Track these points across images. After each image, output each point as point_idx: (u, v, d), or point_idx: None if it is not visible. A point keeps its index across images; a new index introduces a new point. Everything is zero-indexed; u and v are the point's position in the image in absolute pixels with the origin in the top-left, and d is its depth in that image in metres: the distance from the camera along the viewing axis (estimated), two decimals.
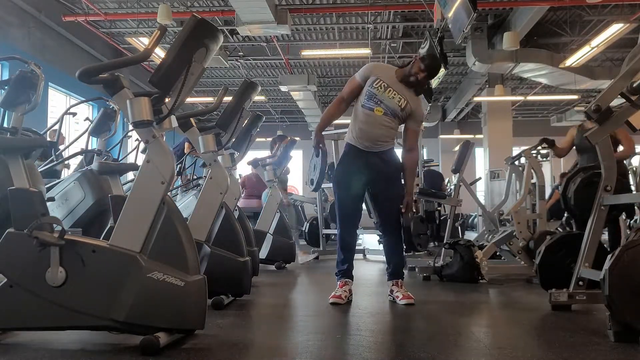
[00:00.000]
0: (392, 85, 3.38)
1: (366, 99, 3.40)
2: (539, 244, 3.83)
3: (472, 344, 2.45)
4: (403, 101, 3.38)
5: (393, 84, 3.39)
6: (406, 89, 3.40)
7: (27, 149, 2.39)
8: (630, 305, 2.31)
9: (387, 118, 3.37)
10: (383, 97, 3.37)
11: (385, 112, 3.37)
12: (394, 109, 3.37)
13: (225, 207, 3.31)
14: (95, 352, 2.20)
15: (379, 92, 3.37)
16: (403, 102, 3.38)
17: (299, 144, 6.99)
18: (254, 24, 9.09)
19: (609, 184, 2.83)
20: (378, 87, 3.38)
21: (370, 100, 3.39)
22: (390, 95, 3.37)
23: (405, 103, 3.38)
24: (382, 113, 3.37)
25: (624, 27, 9.60)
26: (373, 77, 3.42)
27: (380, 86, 3.38)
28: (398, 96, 3.37)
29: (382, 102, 3.37)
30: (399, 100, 3.37)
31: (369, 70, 3.47)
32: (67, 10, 10.33)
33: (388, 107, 3.36)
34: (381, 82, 3.39)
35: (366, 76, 3.46)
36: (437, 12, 8.19)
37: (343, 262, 3.51)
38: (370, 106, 3.38)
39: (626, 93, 2.62)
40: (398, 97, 3.37)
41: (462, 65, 13.70)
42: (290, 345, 2.40)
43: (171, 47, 2.13)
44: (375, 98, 3.37)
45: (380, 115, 3.37)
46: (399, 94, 3.38)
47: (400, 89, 3.39)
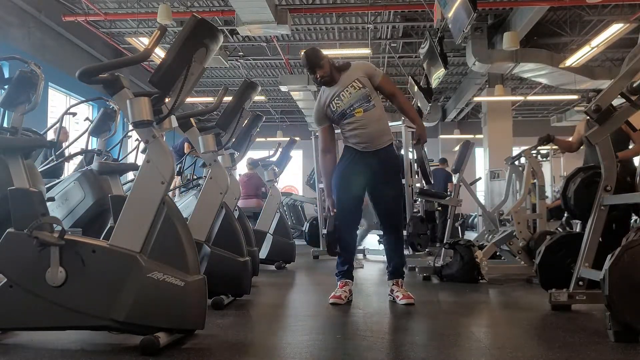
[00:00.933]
0: (338, 91, 3.41)
1: (342, 118, 3.43)
2: (539, 244, 3.83)
3: (472, 344, 2.45)
4: (356, 84, 3.39)
5: (338, 89, 3.42)
6: (345, 76, 3.43)
7: (27, 149, 2.39)
8: (630, 305, 2.31)
9: (369, 109, 3.39)
10: (347, 102, 3.39)
11: (361, 106, 3.38)
12: (362, 97, 3.39)
13: (225, 207, 3.31)
14: (95, 352, 2.20)
15: (343, 104, 3.40)
16: (357, 84, 3.40)
17: (298, 144, 6.99)
18: (254, 24, 9.09)
19: (609, 184, 2.83)
20: (338, 104, 3.42)
21: (345, 116, 3.42)
22: (347, 95, 3.39)
23: (358, 83, 3.40)
24: (362, 111, 3.39)
25: (624, 27, 9.60)
26: (326, 106, 3.46)
27: (338, 102, 3.42)
28: (349, 88, 3.39)
29: (352, 106, 3.39)
30: (355, 89, 3.39)
31: (320, 110, 3.51)
32: (67, 10, 10.33)
33: (358, 101, 3.38)
34: (333, 100, 3.42)
35: (322, 114, 3.50)
36: (437, 12, 8.19)
37: (343, 262, 3.51)
38: (349, 117, 3.40)
39: (626, 93, 2.62)
40: (351, 89, 3.39)
41: (462, 65, 13.69)
42: (290, 345, 2.40)
43: (171, 47, 2.13)
44: (346, 110, 3.40)
45: (362, 113, 3.39)
46: (347, 86, 3.40)
47: (342, 84, 3.42)
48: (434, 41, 8.70)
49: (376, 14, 10.66)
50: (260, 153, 8.21)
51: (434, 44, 8.67)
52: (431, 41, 8.82)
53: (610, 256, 2.40)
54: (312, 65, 3.43)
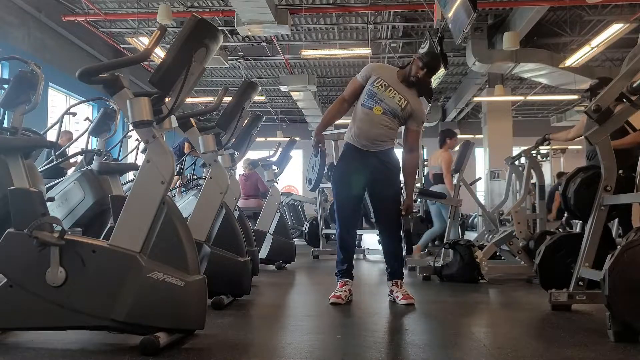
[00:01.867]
0: (392, 85, 3.38)
1: (366, 98, 3.40)
2: (539, 244, 3.83)
3: (472, 344, 2.45)
4: (403, 101, 3.37)
5: (394, 84, 3.39)
6: (407, 90, 3.40)
7: (27, 149, 2.39)
8: (630, 305, 2.31)
9: (386, 117, 3.37)
10: (383, 96, 3.37)
11: (384, 111, 3.36)
12: (393, 109, 3.37)
13: (225, 207, 3.31)
14: (95, 352, 2.20)
15: (379, 91, 3.37)
16: (403, 102, 3.37)
17: (299, 144, 6.99)
18: (254, 24, 9.09)
19: (609, 184, 2.83)
20: (379, 87, 3.38)
21: (370, 98, 3.39)
22: (391, 94, 3.37)
23: (406, 103, 3.38)
24: (381, 112, 3.36)
25: (624, 27, 9.60)
26: (374, 76, 3.42)
27: (381, 85, 3.38)
28: (398, 96, 3.37)
29: (382, 101, 3.36)
30: (399, 100, 3.37)
31: (371, 70, 3.47)
32: (67, 10, 10.33)
33: (388, 106, 3.36)
34: (382, 81, 3.39)
35: (367, 76, 3.46)
36: (437, 12, 8.19)
37: (343, 262, 3.51)
38: (370, 105, 3.38)
39: (626, 93, 2.62)
40: (398, 97, 3.37)
41: (462, 65, 13.70)
42: (291, 345, 2.40)
43: (171, 47, 2.13)
44: (375, 97, 3.37)
45: (379, 114, 3.37)
46: (400, 93, 3.38)
47: (401, 89, 3.39)
48: (434, 41, 8.70)
49: (376, 14, 10.66)
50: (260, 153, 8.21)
51: (434, 44, 8.66)
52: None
53: (610, 256, 2.40)
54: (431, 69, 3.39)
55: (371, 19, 10.91)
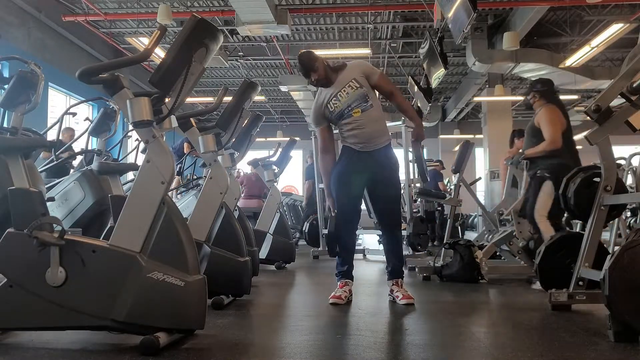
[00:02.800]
0: (335, 90, 3.40)
1: (340, 119, 3.42)
2: (539, 244, 3.83)
3: (472, 344, 2.45)
4: (354, 84, 3.38)
5: (335, 88, 3.41)
6: (341, 77, 3.41)
7: (27, 149, 2.39)
8: (630, 305, 2.31)
9: (366, 105, 3.38)
10: (345, 102, 3.38)
11: (359, 106, 3.37)
12: (360, 97, 3.38)
13: (225, 207, 3.31)
14: (95, 352, 2.20)
15: (340, 105, 3.40)
16: (355, 84, 3.38)
17: (299, 144, 6.99)
18: (254, 24, 9.09)
19: (609, 184, 2.83)
20: (336, 104, 3.41)
21: (342, 116, 3.41)
22: (345, 95, 3.38)
23: (356, 83, 3.38)
24: (359, 112, 3.38)
25: (624, 27, 9.60)
26: (324, 107, 3.46)
27: (335, 102, 3.41)
28: (347, 88, 3.38)
29: (349, 106, 3.38)
30: (352, 89, 3.38)
31: (317, 110, 3.50)
32: (67, 10, 10.33)
33: (355, 101, 3.37)
34: (330, 100, 3.41)
35: (321, 115, 3.50)
36: (437, 12, 8.19)
37: (343, 262, 3.51)
38: (347, 117, 3.40)
39: (626, 93, 2.62)
40: (348, 89, 3.38)
41: (462, 65, 13.70)
42: (290, 345, 2.40)
43: (171, 47, 2.13)
44: (343, 111, 3.39)
45: (360, 113, 3.38)
46: (345, 86, 3.39)
47: (339, 83, 3.40)
48: (434, 41, 8.71)
49: (376, 14, 10.66)
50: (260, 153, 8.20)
51: (434, 44, 8.67)
52: (431, 41, 8.82)
53: (610, 256, 2.40)
54: (306, 69, 3.42)
55: (371, 19, 10.91)
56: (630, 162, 6.08)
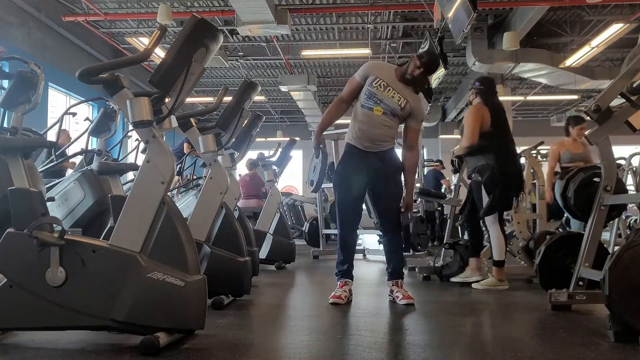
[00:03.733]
0: (391, 84, 3.38)
1: (365, 99, 3.40)
2: (539, 244, 3.83)
3: (472, 344, 2.45)
4: (402, 100, 3.37)
5: (392, 83, 3.39)
6: (406, 88, 3.40)
7: (27, 149, 2.39)
8: (630, 305, 2.31)
9: (387, 117, 3.37)
10: (382, 96, 3.37)
11: (384, 111, 3.37)
12: (393, 108, 3.37)
13: (225, 207, 3.31)
14: (95, 352, 2.20)
15: (379, 92, 3.37)
16: (402, 101, 3.37)
17: (298, 144, 6.99)
18: (254, 24, 9.09)
19: (609, 184, 2.83)
20: (377, 87, 3.38)
21: (370, 99, 3.39)
22: (390, 94, 3.37)
23: (405, 102, 3.38)
24: (381, 112, 3.37)
25: (624, 27, 9.60)
26: (372, 76, 3.42)
27: (379, 85, 3.38)
28: (397, 95, 3.37)
29: (381, 101, 3.36)
30: (399, 100, 3.37)
31: (369, 70, 3.47)
32: (67, 10, 10.33)
33: (387, 106, 3.36)
34: (380, 81, 3.39)
35: (366, 75, 3.46)
36: (437, 12, 8.19)
37: (343, 262, 3.51)
38: (370, 105, 3.38)
39: (626, 93, 2.62)
40: (398, 96, 3.37)
41: (462, 65, 13.69)
42: (290, 345, 2.40)
43: (171, 47, 2.13)
44: (375, 97, 3.37)
45: (380, 114, 3.37)
46: (399, 93, 3.37)
47: (399, 88, 3.39)
48: (434, 41, 8.69)
49: (376, 14, 10.65)
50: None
51: (434, 44, 8.66)
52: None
53: (610, 256, 2.40)
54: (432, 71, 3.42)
55: (371, 19, 10.91)
56: (630, 162, 6.08)
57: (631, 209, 7.18)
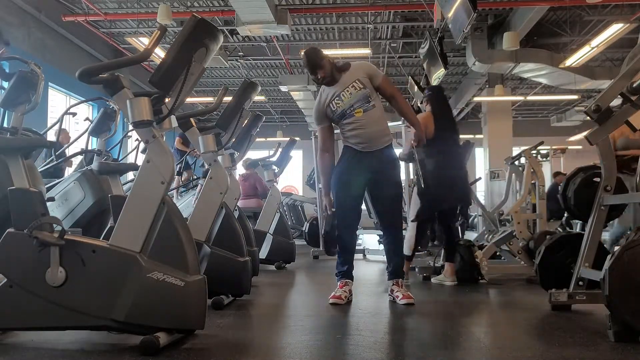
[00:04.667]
0: (339, 90, 3.40)
1: (342, 118, 3.42)
2: (539, 244, 3.83)
3: (472, 344, 2.45)
4: (356, 84, 3.38)
5: (338, 89, 3.40)
6: (344, 77, 3.41)
7: (27, 149, 2.39)
8: (630, 305, 2.31)
9: (368, 106, 3.38)
10: (347, 102, 3.38)
11: (361, 107, 3.37)
12: (363, 97, 3.38)
13: (225, 207, 3.31)
14: (95, 352, 2.20)
15: (343, 104, 3.39)
16: (358, 85, 3.38)
17: (298, 144, 6.99)
18: (254, 24, 9.08)
19: (609, 184, 2.82)
20: (338, 104, 3.40)
21: (344, 116, 3.41)
22: (347, 95, 3.38)
23: (359, 83, 3.38)
24: (361, 112, 3.38)
25: (624, 27, 9.59)
26: (326, 106, 3.45)
27: (338, 102, 3.40)
28: (350, 87, 3.38)
29: (351, 106, 3.38)
30: (354, 88, 3.38)
31: (319, 109, 3.50)
32: (67, 10, 10.32)
33: (358, 101, 3.37)
34: (333, 99, 3.41)
35: (322, 113, 3.49)
36: (437, 12, 8.19)
37: (343, 262, 3.51)
38: (349, 117, 3.39)
39: (626, 93, 2.62)
40: (351, 88, 3.38)
41: (462, 65, 13.68)
42: (290, 345, 2.40)
43: (171, 47, 2.13)
44: (346, 110, 3.39)
45: (362, 113, 3.38)
46: (347, 85, 3.38)
47: (343, 82, 3.40)
48: (434, 41, 8.70)
49: (376, 14, 10.65)
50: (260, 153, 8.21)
51: (434, 44, 8.67)
52: (431, 41, 8.82)
53: (610, 256, 2.40)
54: (313, 66, 3.42)
55: (371, 19, 10.90)
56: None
57: None
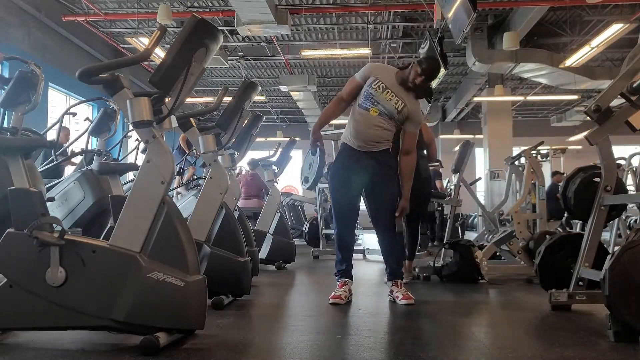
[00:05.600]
0: (390, 87, 3.38)
1: (363, 99, 3.40)
2: (539, 244, 3.83)
3: (472, 344, 2.45)
4: (400, 104, 3.36)
5: (392, 86, 3.38)
6: (405, 92, 3.39)
7: (27, 149, 2.39)
8: (630, 305, 2.31)
9: (382, 119, 3.36)
10: (380, 98, 3.36)
11: (380, 113, 3.36)
12: (390, 111, 3.36)
13: (225, 207, 3.31)
14: (95, 352, 2.20)
15: (377, 93, 3.37)
16: (400, 105, 3.36)
17: (298, 144, 6.99)
18: (254, 24, 9.09)
19: (609, 184, 2.83)
20: (376, 88, 3.38)
21: (367, 100, 3.38)
22: (388, 96, 3.36)
23: (403, 106, 3.37)
24: (377, 114, 3.36)
25: (624, 27, 9.60)
26: (372, 77, 3.42)
27: (378, 87, 3.38)
28: (395, 98, 3.36)
29: (378, 102, 3.36)
30: (396, 103, 3.36)
31: (370, 71, 3.47)
32: (67, 10, 10.33)
33: (384, 108, 3.35)
34: (380, 82, 3.38)
35: (366, 76, 3.45)
36: (437, 12, 8.19)
37: (342, 262, 3.51)
38: (367, 106, 3.38)
39: (626, 93, 2.62)
40: (395, 99, 3.36)
41: (462, 65, 13.70)
42: (290, 345, 2.40)
43: (171, 47, 2.13)
44: (373, 98, 3.37)
45: (375, 115, 3.36)
46: (397, 96, 3.37)
47: (398, 91, 3.38)
48: (434, 41, 8.70)
49: (376, 14, 10.66)
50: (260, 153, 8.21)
51: (434, 44, 8.67)
52: (431, 41, 8.82)
53: (610, 256, 2.40)
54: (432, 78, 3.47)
55: (371, 19, 10.91)
56: (630, 162, 6.08)
57: (631, 209, 7.18)
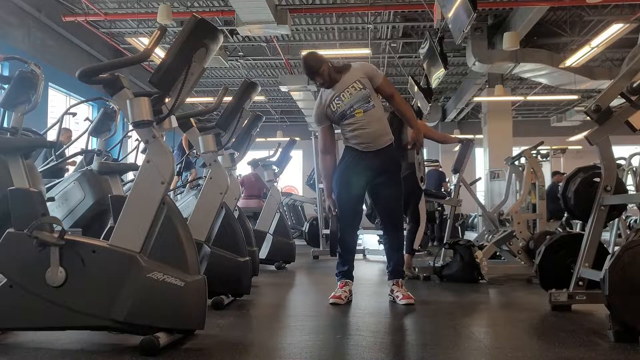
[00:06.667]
0: (341, 88, 3.39)
1: (342, 119, 3.42)
2: (539, 244, 3.83)
3: (472, 344, 2.45)
4: (358, 84, 3.38)
5: (340, 86, 3.40)
6: (344, 77, 3.40)
7: (27, 149, 2.39)
8: (630, 305, 2.31)
9: (368, 106, 3.38)
10: (347, 103, 3.38)
11: (361, 107, 3.37)
12: (362, 98, 3.37)
13: (225, 207, 3.31)
14: (95, 352, 2.20)
15: (343, 105, 3.39)
16: (358, 85, 3.38)
17: (298, 144, 6.99)
18: (254, 24, 9.09)
19: (609, 184, 2.83)
20: (338, 104, 3.40)
21: (345, 117, 3.40)
22: (348, 95, 3.38)
23: (359, 84, 3.38)
24: (362, 112, 3.37)
25: (624, 27, 9.60)
26: (326, 107, 3.45)
27: (338, 102, 3.40)
28: (352, 88, 3.38)
29: (352, 107, 3.38)
30: (355, 89, 3.37)
31: (320, 109, 3.49)
32: (67, 10, 10.33)
33: (358, 102, 3.37)
34: (333, 100, 3.40)
35: (323, 114, 3.49)
36: (437, 12, 8.19)
37: (343, 262, 3.51)
38: (350, 117, 3.39)
39: (626, 93, 2.62)
40: (353, 89, 3.38)
41: (462, 65, 13.69)
42: (290, 345, 2.40)
43: (171, 47, 2.13)
44: (346, 111, 3.39)
45: (362, 113, 3.37)
46: (349, 85, 3.38)
47: (344, 82, 3.40)
48: (434, 41, 8.69)
49: (376, 14, 10.66)
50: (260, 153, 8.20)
51: (434, 44, 8.66)
52: (431, 41, 8.81)
53: (610, 256, 2.41)
54: (311, 71, 3.41)
55: (371, 19, 10.91)
56: (630, 162, 6.08)
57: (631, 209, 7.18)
